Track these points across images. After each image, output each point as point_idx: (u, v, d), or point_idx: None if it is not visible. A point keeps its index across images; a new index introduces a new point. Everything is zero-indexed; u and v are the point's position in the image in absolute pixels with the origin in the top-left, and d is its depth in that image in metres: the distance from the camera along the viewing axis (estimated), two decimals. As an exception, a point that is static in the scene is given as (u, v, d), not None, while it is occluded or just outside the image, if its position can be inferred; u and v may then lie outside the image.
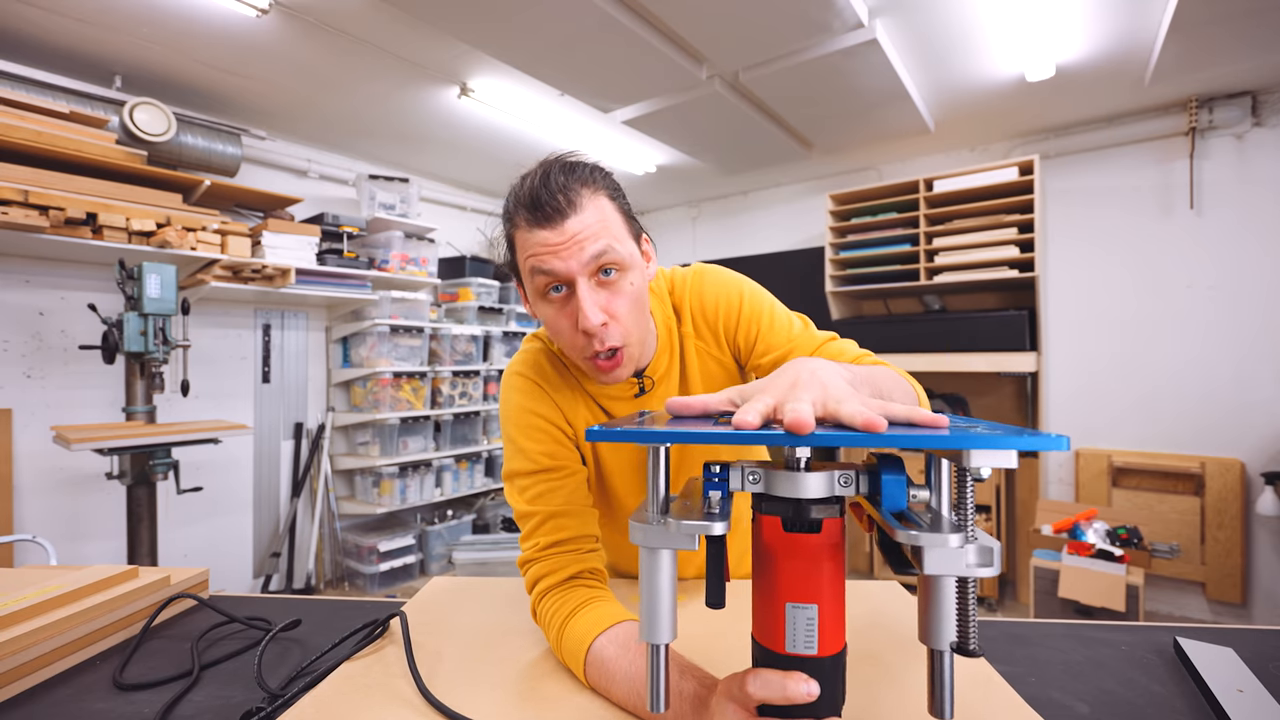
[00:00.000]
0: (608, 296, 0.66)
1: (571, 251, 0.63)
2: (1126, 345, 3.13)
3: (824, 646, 0.42)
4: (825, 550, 0.42)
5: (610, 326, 0.66)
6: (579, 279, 0.64)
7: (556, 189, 0.64)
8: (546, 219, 0.63)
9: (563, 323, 0.67)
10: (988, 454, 0.35)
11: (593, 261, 0.64)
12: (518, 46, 2.26)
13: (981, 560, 0.37)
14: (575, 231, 0.63)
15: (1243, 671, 0.63)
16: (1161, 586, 2.95)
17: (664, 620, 0.42)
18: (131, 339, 2.09)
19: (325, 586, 3.32)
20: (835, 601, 0.42)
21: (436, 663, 0.68)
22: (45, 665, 0.67)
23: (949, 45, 2.38)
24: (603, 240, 0.64)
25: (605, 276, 0.66)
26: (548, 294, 0.67)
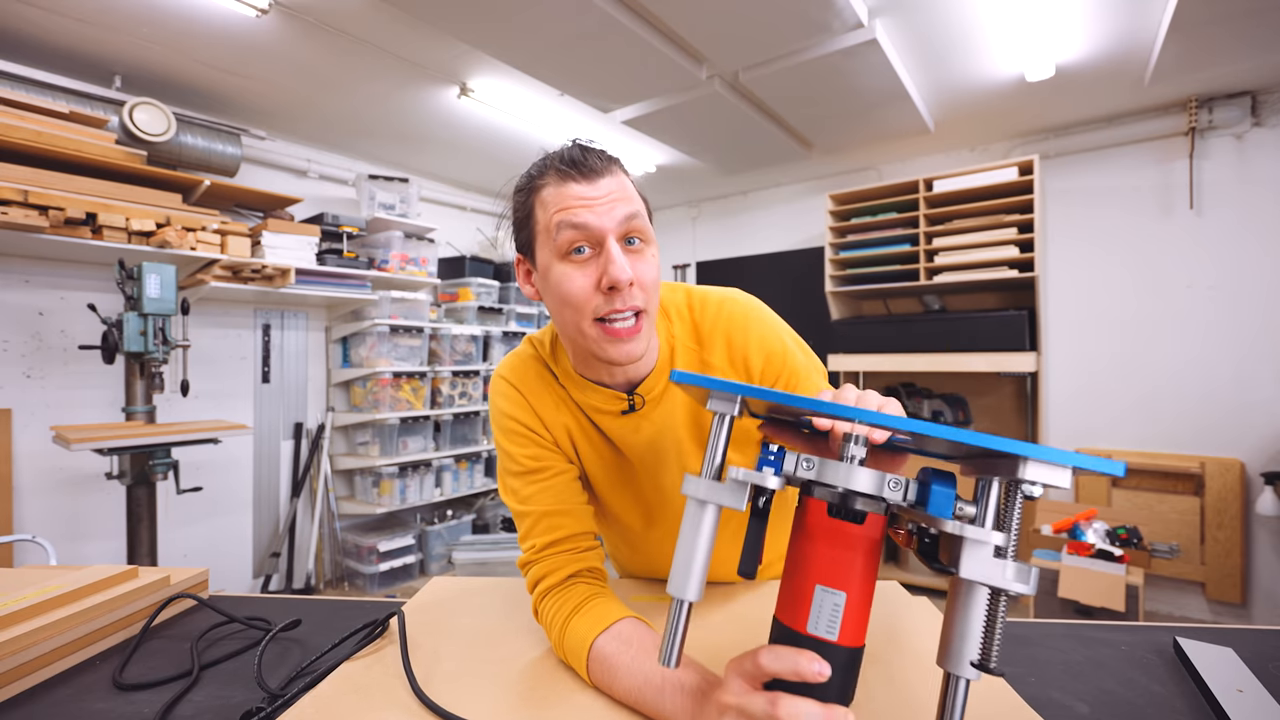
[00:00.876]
0: (634, 261, 0.65)
1: (605, 208, 0.64)
2: (1126, 345, 3.13)
3: (844, 636, 0.42)
4: (863, 543, 0.42)
5: (634, 289, 0.65)
6: (609, 238, 0.64)
7: (592, 154, 0.66)
8: (582, 174, 0.64)
9: (582, 281, 0.64)
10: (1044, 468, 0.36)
11: (625, 223, 0.64)
12: (518, 46, 2.26)
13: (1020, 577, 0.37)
14: (610, 190, 0.65)
15: (1242, 671, 0.63)
16: (1161, 586, 2.95)
17: (695, 577, 0.43)
18: (131, 339, 2.09)
19: (325, 586, 3.32)
20: (863, 598, 0.43)
21: (436, 663, 0.68)
22: (45, 665, 0.67)
23: (949, 45, 2.38)
24: (635, 205, 0.66)
25: (630, 245, 0.66)
26: (570, 253, 0.65)
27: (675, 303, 0.80)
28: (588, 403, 0.77)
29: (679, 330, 0.78)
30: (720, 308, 0.77)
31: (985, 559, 0.37)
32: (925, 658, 0.68)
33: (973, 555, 0.38)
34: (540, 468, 0.76)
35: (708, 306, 0.78)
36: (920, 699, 0.60)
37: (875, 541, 0.43)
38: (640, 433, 0.77)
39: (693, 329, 0.78)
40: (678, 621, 0.44)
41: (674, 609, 0.44)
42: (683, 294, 0.80)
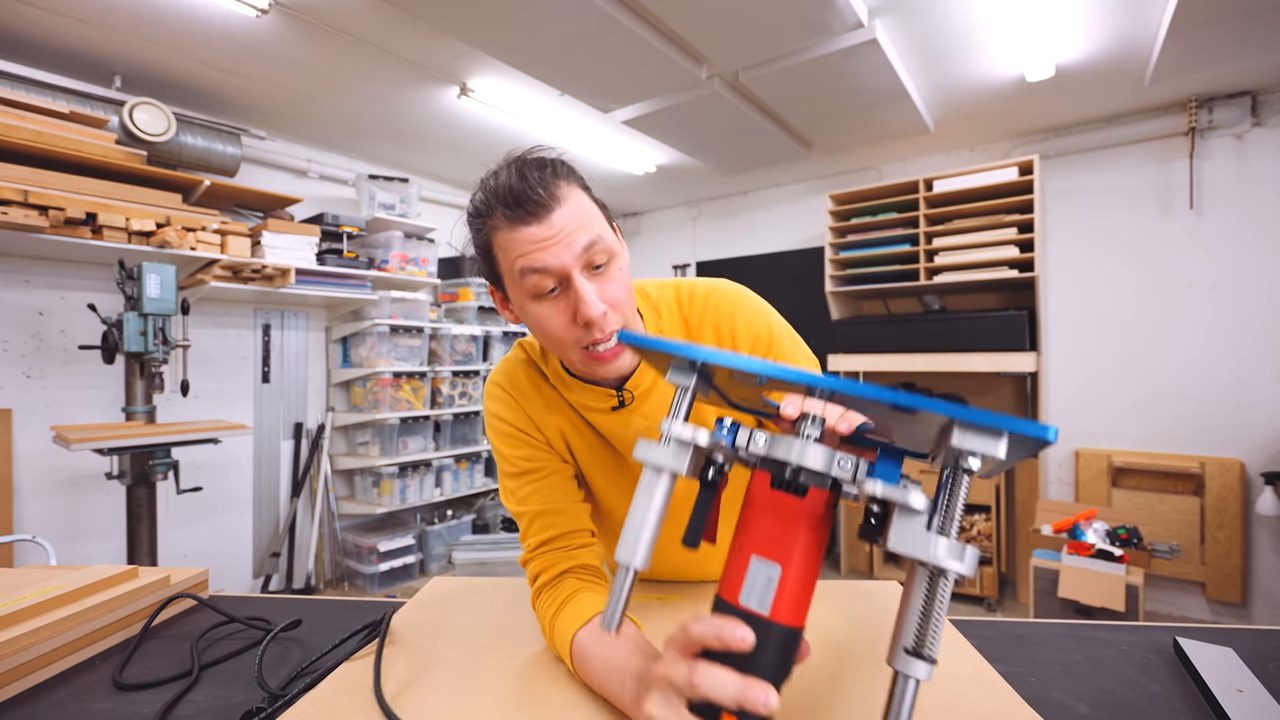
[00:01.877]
0: (603, 285, 0.65)
1: (563, 245, 0.62)
2: (1126, 345, 3.13)
3: (778, 612, 0.40)
4: (804, 517, 0.41)
5: (610, 315, 0.65)
6: (574, 272, 0.63)
7: (535, 183, 0.62)
8: (531, 215, 0.61)
9: (558, 319, 0.65)
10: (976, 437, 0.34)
11: (584, 253, 0.63)
12: (518, 46, 2.26)
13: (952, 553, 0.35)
14: (563, 225, 0.62)
15: (1242, 671, 0.63)
16: (1161, 586, 2.95)
17: (643, 545, 0.43)
18: (131, 339, 2.09)
19: (325, 586, 3.32)
20: (802, 575, 0.41)
21: (435, 663, 0.68)
22: (45, 665, 0.67)
23: (949, 45, 2.38)
24: (592, 231, 0.64)
25: (595, 269, 0.65)
26: (540, 293, 0.64)
27: (665, 299, 0.81)
28: (579, 401, 0.78)
29: (667, 325, 0.79)
30: (708, 297, 0.79)
31: (915, 531, 0.35)
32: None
33: (901, 527, 0.36)
34: (534, 468, 0.78)
35: (695, 297, 0.80)
36: (922, 698, 0.60)
37: (818, 517, 0.41)
38: (631, 427, 0.78)
39: (682, 322, 0.80)
40: (622, 586, 0.43)
41: (620, 574, 0.44)
42: (671, 289, 0.81)
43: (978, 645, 0.71)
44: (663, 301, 0.80)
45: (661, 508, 0.44)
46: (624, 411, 0.77)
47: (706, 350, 0.42)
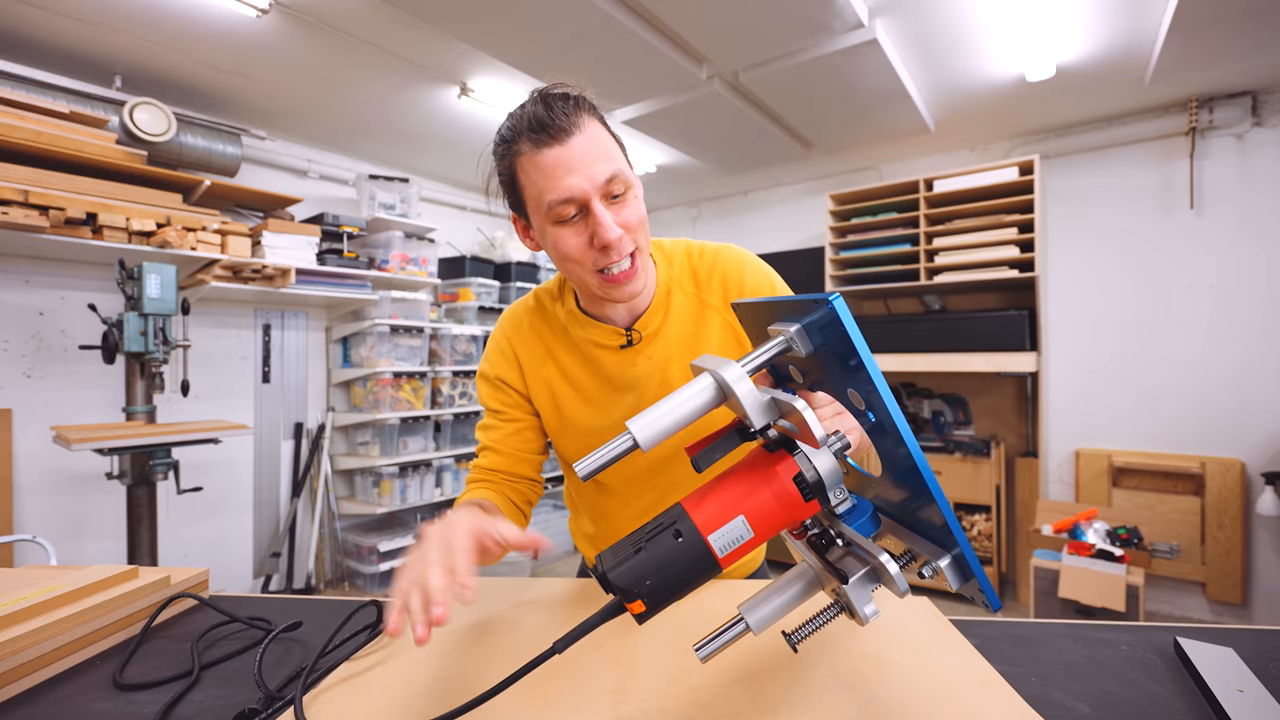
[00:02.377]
0: (620, 210, 0.70)
1: (584, 171, 0.67)
2: (1127, 345, 3.13)
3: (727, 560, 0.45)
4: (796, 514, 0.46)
5: (624, 239, 0.70)
6: (593, 199, 0.67)
7: (559, 111, 0.67)
8: (554, 138, 0.66)
9: (576, 241, 0.70)
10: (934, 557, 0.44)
11: (604, 180, 0.68)
12: (518, 46, 2.27)
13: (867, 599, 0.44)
14: (584, 150, 0.67)
15: (1243, 671, 0.63)
16: (1162, 586, 2.95)
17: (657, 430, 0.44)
18: (131, 339, 2.09)
19: (325, 586, 3.32)
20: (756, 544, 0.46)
21: (432, 665, 0.68)
22: (45, 665, 0.67)
23: (949, 45, 2.38)
24: (612, 161, 0.69)
25: (614, 198, 0.70)
26: (562, 217, 0.69)
27: (677, 252, 0.88)
28: (589, 338, 0.84)
29: (677, 273, 0.87)
30: (717, 254, 0.87)
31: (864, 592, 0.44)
32: (926, 658, 0.68)
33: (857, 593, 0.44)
34: (499, 409, 0.90)
35: (705, 253, 0.87)
36: (922, 698, 0.60)
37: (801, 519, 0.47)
38: (636, 366, 0.84)
39: (691, 274, 0.87)
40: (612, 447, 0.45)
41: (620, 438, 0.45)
42: (683, 245, 0.89)
43: (978, 645, 0.71)
44: (676, 253, 0.88)
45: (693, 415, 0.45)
46: (630, 350, 0.84)
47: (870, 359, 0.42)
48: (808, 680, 0.63)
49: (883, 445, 0.44)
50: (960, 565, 0.42)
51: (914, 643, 0.72)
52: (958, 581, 0.42)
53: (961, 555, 0.41)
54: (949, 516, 0.41)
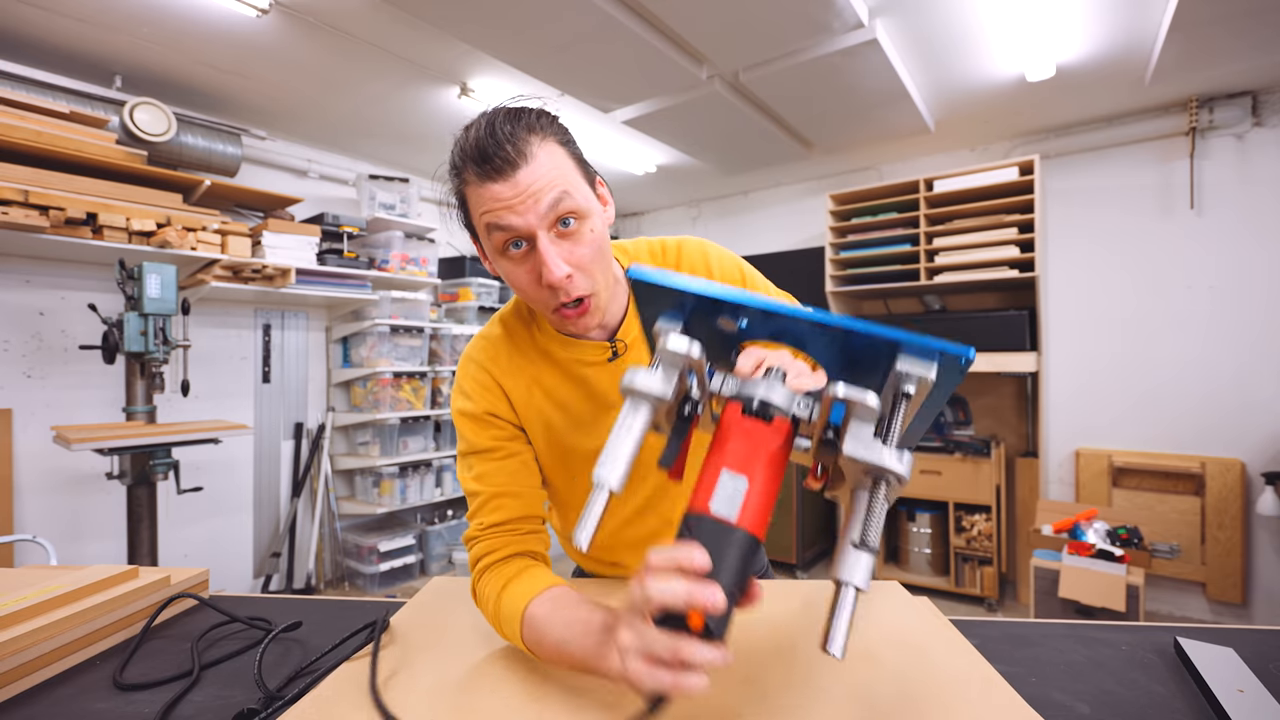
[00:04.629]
0: (570, 247, 0.64)
1: (528, 205, 0.61)
2: (1127, 345, 3.13)
3: (743, 519, 0.44)
4: (770, 439, 0.46)
5: (575, 278, 0.65)
6: (539, 232, 0.62)
7: (504, 139, 0.61)
8: (497, 171, 0.61)
9: (525, 278, 0.66)
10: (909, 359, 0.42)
11: (550, 212, 0.62)
12: (518, 46, 2.27)
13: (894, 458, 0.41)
14: (529, 183, 0.61)
15: (1243, 671, 0.63)
16: (1162, 586, 2.95)
17: (619, 465, 0.46)
18: (131, 339, 2.10)
19: (325, 586, 3.32)
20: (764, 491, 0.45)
21: (434, 664, 0.68)
22: (45, 665, 0.67)
23: (949, 45, 2.38)
24: (558, 188, 0.62)
25: (564, 227, 0.64)
26: (506, 250, 0.65)
27: (640, 252, 0.83)
28: (574, 357, 0.78)
29: None
30: (680, 246, 0.83)
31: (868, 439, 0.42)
32: (926, 658, 0.68)
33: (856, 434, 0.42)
34: (494, 447, 0.77)
35: (668, 247, 0.83)
36: (922, 698, 0.60)
37: (780, 443, 0.46)
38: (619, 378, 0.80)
39: None
40: (594, 505, 0.46)
41: (594, 494, 0.46)
42: (644, 244, 0.84)
43: (978, 645, 0.71)
44: (639, 253, 0.83)
45: (640, 433, 0.48)
46: (619, 362, 0.79)
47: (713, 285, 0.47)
48: (808, 680, 0.63)
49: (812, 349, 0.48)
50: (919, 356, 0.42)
51: (914, 643, 0.72)
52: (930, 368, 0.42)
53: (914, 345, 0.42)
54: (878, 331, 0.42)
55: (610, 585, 0.92)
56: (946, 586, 3.26)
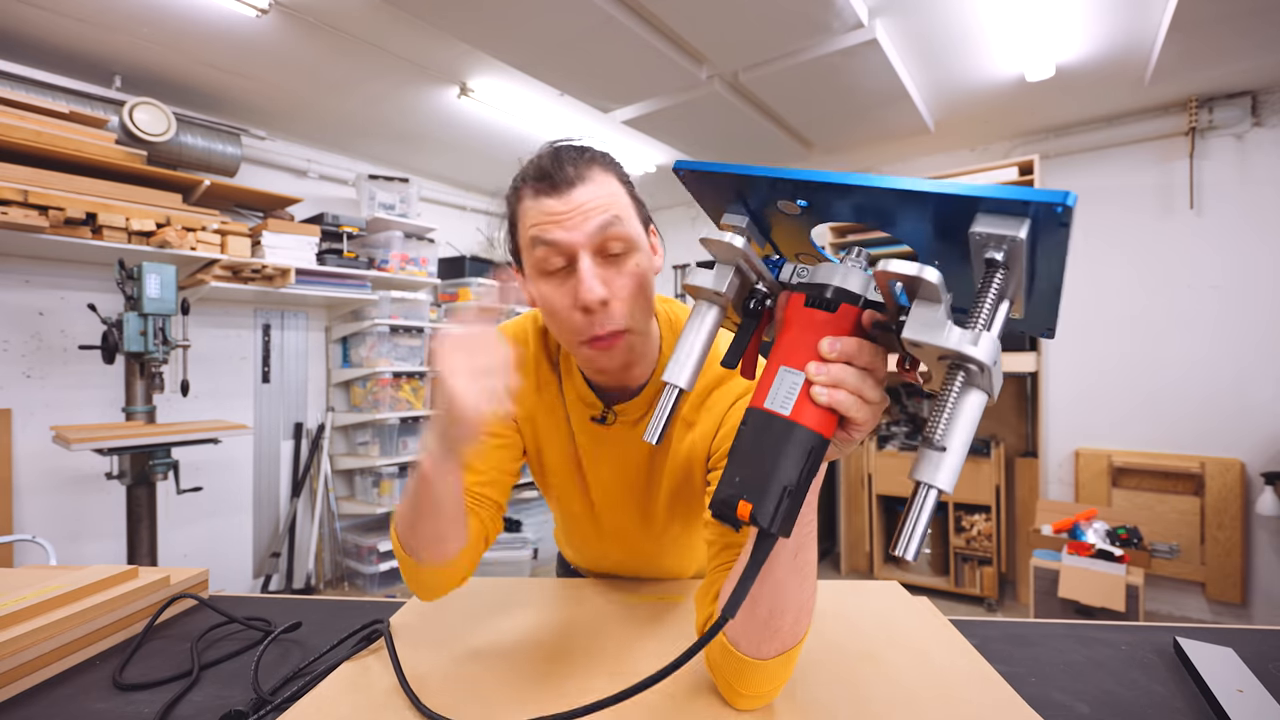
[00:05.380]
0: (612, 274, 0.62)
1: (576, 221, 0.60)
2: (1127, 345, 3.13)
3: (798, 413, 0.41)
4: (831, 330, 0.42)
5: (612, 306, 0.62)
6: (581, 252, 0.60)
7: (567, 160, 0.62)
8: (553, 187, 0.61)
9: (560, 300, 0.63)
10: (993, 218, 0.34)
11: (598, 233, 0.60)
12: (518, 46, 2.26)
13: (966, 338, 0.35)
14: (582, 201, 0.61)
15: (1243, 671, 0.63)
16: (1161, 586, 2.95)
17: (689, 367, 0.47)
18: (131, 339, 2.09)
19: (325, 586, 3.32)
20: None
21: (434, 665, 0.68)
22: (45, 665, 0.67)
23: (949, 45, 2.38)
24: (610, 212, 0.61)
25: (609, 255, 0.62)
26: (547, 269, 0.63)
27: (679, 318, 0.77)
28: (574, 392, 0.76)
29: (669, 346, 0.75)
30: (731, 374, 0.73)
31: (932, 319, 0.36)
32: (926, 658, 0.68)
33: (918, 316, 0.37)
34: None
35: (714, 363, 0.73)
36: (922, 698, 0.60)
37: (845, 331, 0.43)
38: (601, 444, 0.77)
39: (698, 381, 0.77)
40: (667, 403, 0.48)
41: (666, 392, 0.48)
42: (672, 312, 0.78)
43: (978, 645, 0.71)
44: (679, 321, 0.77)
45: (709, 336, 0.48)
46: (601, 428, 0.75)
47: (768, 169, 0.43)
48: (808, 680, 0.63)
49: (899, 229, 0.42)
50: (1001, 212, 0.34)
51: (914, 643, 0.72)
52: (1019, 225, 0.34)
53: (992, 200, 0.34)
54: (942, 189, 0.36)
55: (597, 583, 0.92)
56: (946, 586, 3.26)
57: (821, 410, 0.41)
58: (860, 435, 0.44)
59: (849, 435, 0.43)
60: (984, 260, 0.36)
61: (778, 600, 0.52)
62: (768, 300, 0.48)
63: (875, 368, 0.42)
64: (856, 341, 0.41)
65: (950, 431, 0.36)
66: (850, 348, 0.41)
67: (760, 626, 0.53)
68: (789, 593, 0.52)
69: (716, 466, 0.71)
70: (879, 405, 0.43)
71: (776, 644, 0.53)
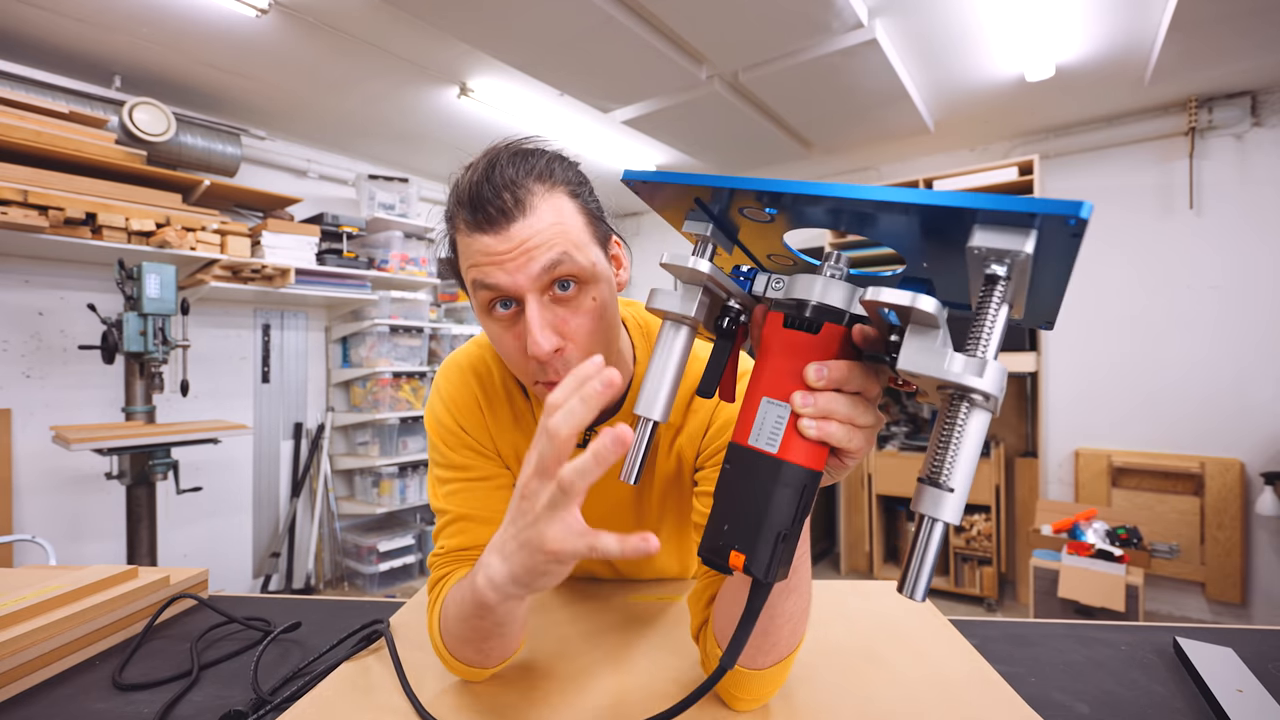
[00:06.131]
0: (564, 315, 0.56)
1: (519, 263, 0.53)
2: (1126, 345, 3.13)
3: (786, 450, 0.38)
4: (816, 353, 0.39)
5: (567, 351, 0.56)
6: (528, 296, 0.54)
7: (502, 185, 0.54)
8: (489, 221, 0.53)
9: (510, 344, 0.58)
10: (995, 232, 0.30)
11: (544, 274, 0.54)
12: (518, 46, 2.26)
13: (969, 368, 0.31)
14: (524, 239, 0.53)
15: (1242, 671, 0.63)
16: (1161, 586, 2.95)
17: (661, 396, 0.44)
18: (131, 339, 2.09)
19: (325, 586, 3.32)
20: None
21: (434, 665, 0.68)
22: (45, 665, 0.67)
23: (949, 45, 2.38)
24: (557, 249, 0.54)
25: (561, 291, 0.56)
26: (493, 310, 0.57)
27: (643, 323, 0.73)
28: None
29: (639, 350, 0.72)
30: None
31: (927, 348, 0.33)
32: (926, 658, 0.68)
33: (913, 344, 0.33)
34: (467, 465, 0.70)
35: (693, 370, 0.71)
36: (922, 698, 0.60)
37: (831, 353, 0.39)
38: None
39: None
40: (642, 439, 0.44)
41: (640, 426, 0.44)
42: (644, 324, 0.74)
43: (978, 645, 0.71)
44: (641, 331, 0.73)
45: (680, 359, 0.44)
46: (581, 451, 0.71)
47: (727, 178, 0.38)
48: (807, 679, 0.63)
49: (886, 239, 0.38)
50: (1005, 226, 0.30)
51: (914, 643, 0.72)
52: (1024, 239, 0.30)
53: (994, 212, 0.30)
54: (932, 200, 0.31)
55: (597, 583, 0.92)
56: (946, 586, 3.26)
57: (811, 444, 0.38)
58: (855, 462, 0.40)
59: (842, 463, 0.40)
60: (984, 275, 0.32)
61: (773, 620, 0.52)
62: (742, 317, 0.45)
63: (867, 390, 0.38)
64: (845, 365, 0.38)
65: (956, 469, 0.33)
66: (839, 373, 0.37)
67: (758, 643, 0.53)
68: (784, 611, 0.52)
69: (705, 465, 0.70)
70: (873, 429, 0.39)
71: (773, 655, 0.54)
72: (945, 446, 0.33)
